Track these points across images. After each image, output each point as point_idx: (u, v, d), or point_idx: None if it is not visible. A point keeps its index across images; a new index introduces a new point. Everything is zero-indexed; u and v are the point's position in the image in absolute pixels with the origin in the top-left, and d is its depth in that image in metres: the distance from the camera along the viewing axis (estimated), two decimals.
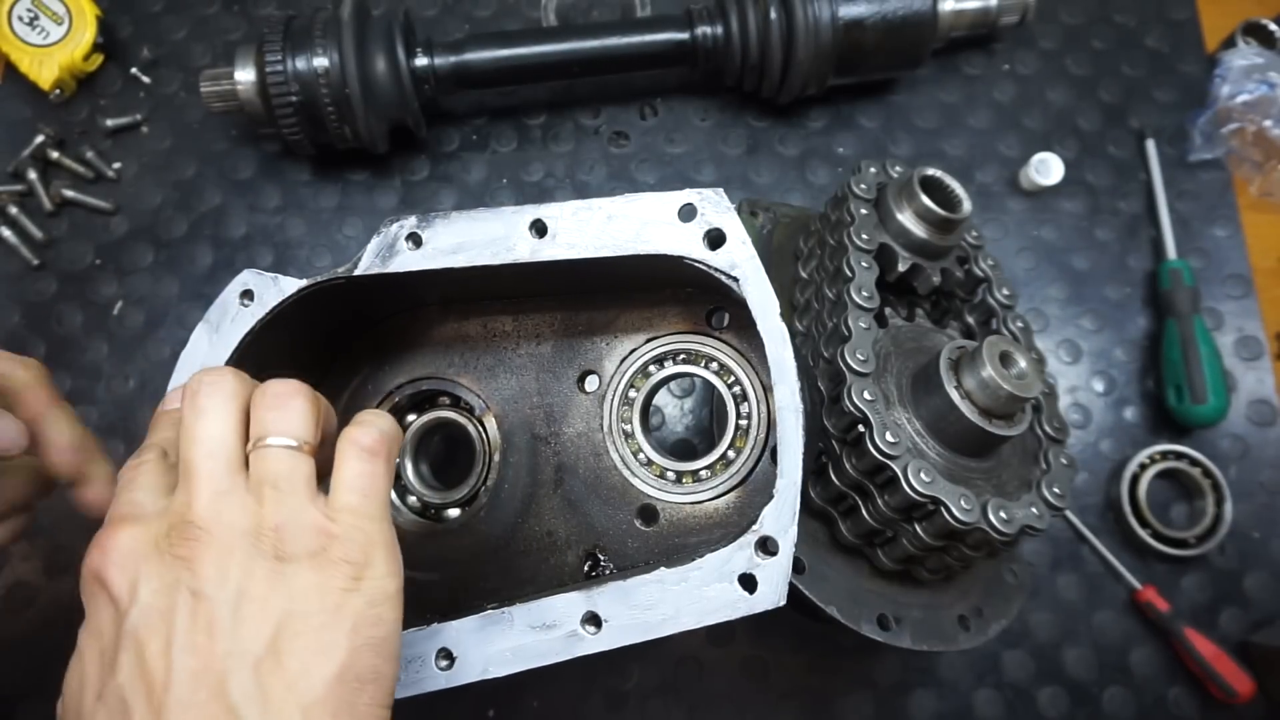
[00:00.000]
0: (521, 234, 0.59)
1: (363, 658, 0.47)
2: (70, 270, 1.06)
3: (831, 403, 0.71)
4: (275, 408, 0.51)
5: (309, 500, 0.49)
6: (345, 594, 0.47)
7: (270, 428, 0.50)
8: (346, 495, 0.50)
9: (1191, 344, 0.98)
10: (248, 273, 0.63)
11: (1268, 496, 0.99)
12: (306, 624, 0.46)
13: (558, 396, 0.72)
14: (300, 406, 0.51)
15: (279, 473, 0.49)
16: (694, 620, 0.52)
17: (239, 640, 0.45)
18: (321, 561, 0.47)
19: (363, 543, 0.49)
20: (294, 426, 0.50)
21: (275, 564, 0.47)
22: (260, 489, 0.48)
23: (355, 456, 0.52)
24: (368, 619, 0.47)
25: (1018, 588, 0.82)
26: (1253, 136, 1.08)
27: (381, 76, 0.97)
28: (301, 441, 0.50)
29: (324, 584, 0.47)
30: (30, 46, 1.08)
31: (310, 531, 0.48)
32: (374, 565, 0.49)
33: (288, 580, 0.46)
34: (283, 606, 0.46)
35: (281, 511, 0.48)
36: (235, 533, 0.47)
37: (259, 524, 0.47)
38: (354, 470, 0.51)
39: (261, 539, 0.47)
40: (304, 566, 0.47)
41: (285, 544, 0.47)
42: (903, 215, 0.80)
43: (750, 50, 1.00)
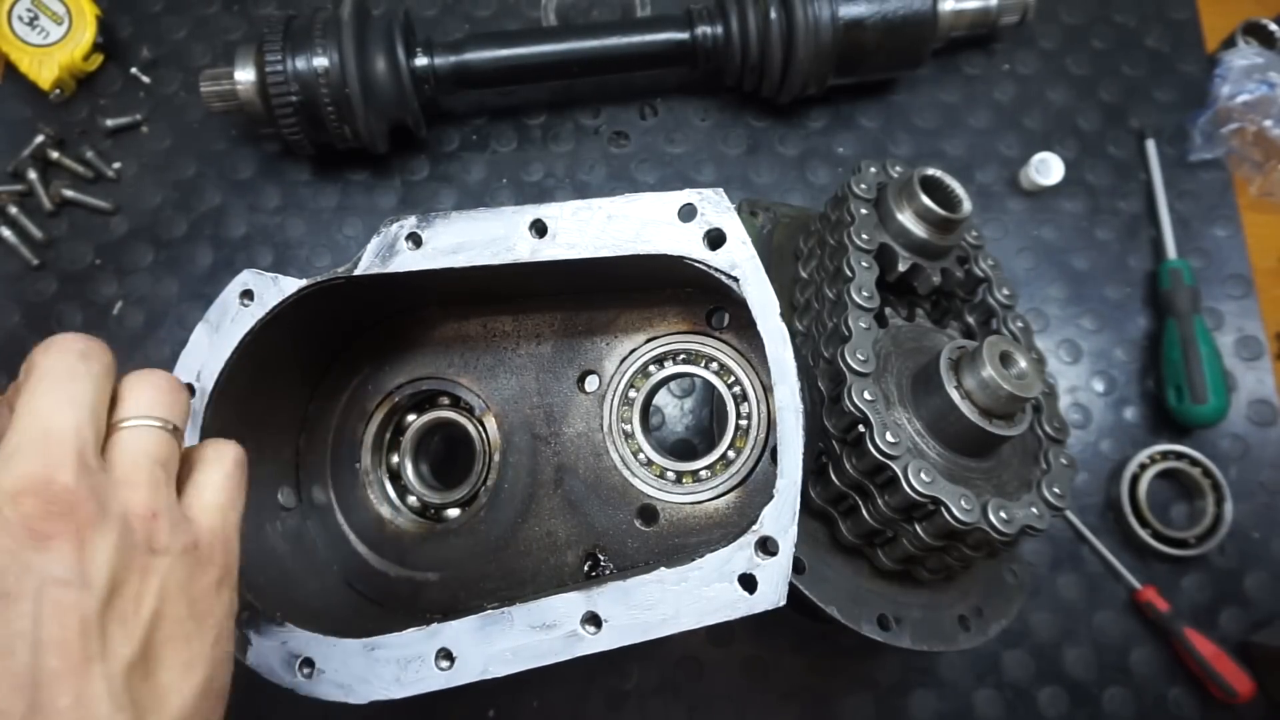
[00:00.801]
0: (521, 234, 0.59)
1: (222, 673, 0.44)
2: (70, 270, 1.06)
3: (831, 403, 0.71)
4: (157, 389, 0.46)
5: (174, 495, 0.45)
6: (209, 600, 0.44)
7: (149, 407, 0.45)
8: (215, 495, 0.47)
9: (1191, 344, 0.98)
10: (248, 273, 0.63)
11: (1268, 496, 0.99)
12: (178, 629, 0.42)
13: (558, 396, 0.72)
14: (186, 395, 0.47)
15: (154, 455, 0.44)
16: (694, 620, 0.52)
17: (110, 640, 0.39)
18: (190, 561, 0.43)
19: (226, 548, 0.46)
20: (179, 411, 0.46)
21: (148, 556, 0.41)
22: (132, 471, 0.43)
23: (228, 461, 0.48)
24: (225, 631, 0.44)
25: (1018, 588, 0.82)
26: (1253, 136, 1.08)
27: (381, 76, 0.97)
28: (179, 430, 0.46)
29: (191, 586, 0.43)
30: (30, 46, 1.08)
31: (182, 525, 0.44)
32: (232, 575, 0.46)
33: (159, 577, 0.42)
34: (153, 606, 0.41)
35: (157, 498, 0.43)
36: (107, 515, 0.40)
37: (131, 509, 0.42)
38: (223, 472, 0.48)
39: (134, 527, 0.41)
40: (175, 563, 0.42)
41: (160, 534, 0.42)
42: (903, 215, 0.80)
43: (750, 50, 1.00)
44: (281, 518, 0.71)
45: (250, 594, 0.59)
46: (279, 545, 0.70)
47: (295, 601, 0.65)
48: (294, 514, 0.73)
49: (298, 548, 0.71)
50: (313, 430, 0.76)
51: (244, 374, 0.64)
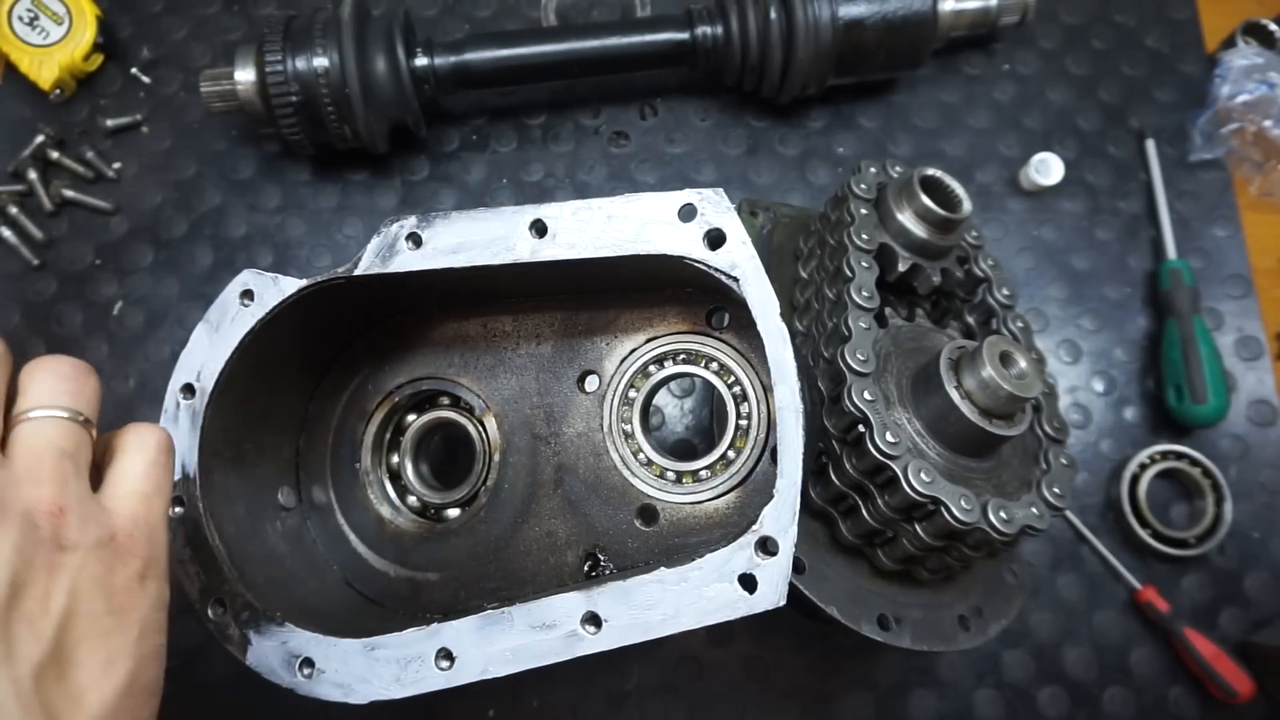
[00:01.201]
0: (521, 234, 0.59)
1: (149, 668, 0.42)
2: (70, 270, 1.06)
3: (831, 403, 0.71)
4: (60, 377, 0.44)
5: (87, 485, 0.43)
6: (130, 594, 0.42)
7: (52, 397, 0.43)
8: (137, 483, 0.45)
9: (1191, 344, 0.98)
10: (248, 273, 0.63)
11: (1268, 496, 0.99)
12: (93, 626, 0.40)
13: (558, 396, 0.72)
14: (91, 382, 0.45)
15: (60, 447, 0.42)
16: (694, 620, 0.52)
17: (15, 642, 0.37)
18: (106, 555, 0.41)
19: (149, 538, 0.44)
20: (85, 400, 0.44)
21: (56, 553, 0.39)
22: (35, 464, 0.41)
23: (152, 446, 0.46)
24: (153, 624, 0.42)
25: (1018, 588, 0.82)
26: (1253, 136, 1.08)
27: (381, 76, 0.97)
28: (83, 416, 0.44)
29: (108, 579, 0.41)
30: (30, 46, 1.08)
31: (95, 518, 0.41)
32: (157, 565, 0.44)
33: (69, 574, 0.40)
34: (64, 604, 0.39)
35: (65, 493, 0.41)
36: (9, 512, 0.38)
37: (34, 505, 0.40)
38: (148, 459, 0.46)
39: (39, 523, 0.39)
40: (91, 556, 0.40)
41: (69, 529, 0.40)
42: (903, 215, 0.80)
43: (750, 50, 1.00)
44: (281, 518, 0.71)
45: (250, 594, 0.59)
46: (279, 545, 0.70)
47: (295, 601, 0.65)
48: (294, 514, 0.73)
49: (297, 548, 0.71)
50: (313, 430, 0.76)
51: (244, 374, 0.64)
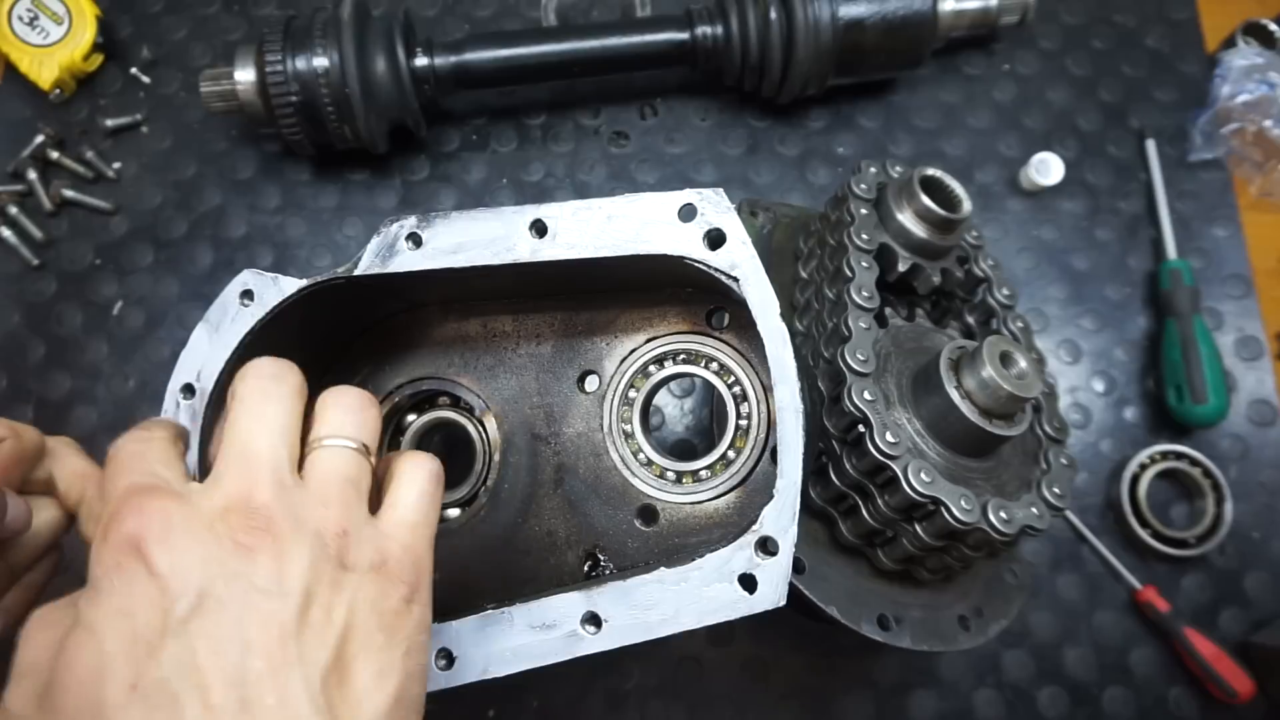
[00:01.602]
0: (521, 234, 0.59)
1: (413, 685, 0.45)
2: (70, 270, 1.06)
3: (832, 403, 0.71)
4: (351, 409, 0.48)
5: (367, 512, 0.47)
6: (399, 615, 0.45)
7: (340, 428, 0.47)
8: (408, 513, 0.48)
9: (1191, 344, 0.98)
10: (248, 273, 0.63)
11: (1268, 496, 0.99)
12: (369, 640, 0.43)
13: (558, 396, 0.72)
14: (375, 414, 0.49)
15: (346, 475, 0.46)
16: (694, 620, 0.52)
17: (305, 647, 0.41)
18: (380, 576, 0.45)
19: (416, 565, 0.47)
20: (368, 430, 0.48)
21: (339, 571, 0.43)
22: (325, 489, 0.45)
23: (423, 478, 0.49)
24: (417, 645, 0.45)
25: (1018, 588, 0.82)
26: (1253, 136, 1.08)
27: (381, 76, 0.97)
28: (370, 450, 0.48)
29: (381, 601, 0.44)
30: (30, 46, 1.08)
31: (373, 542, 0.45)
32: (422, 591, 0.47)
33: (350, 591, 0.43)
34: (345, 617, 0.43)
35: (348, 516, 0.45)
36: (303, 530, 0.43)
37: (324, 526, 0.44)
38: (420, 489, 0.49)
39: (327, 542, 0.44)
40: (365, 579, 0.44)
41: (350, 550, 0.44)
42: (903, 215, 0.80)
43: (750, 50, 1.00)
44: None
45: None
46: None
47: None
48: None
49: None
50: None
51: None
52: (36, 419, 1.01)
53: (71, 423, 1.01)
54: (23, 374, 1.03)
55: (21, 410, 1.02)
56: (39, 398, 1.02)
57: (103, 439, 1.03)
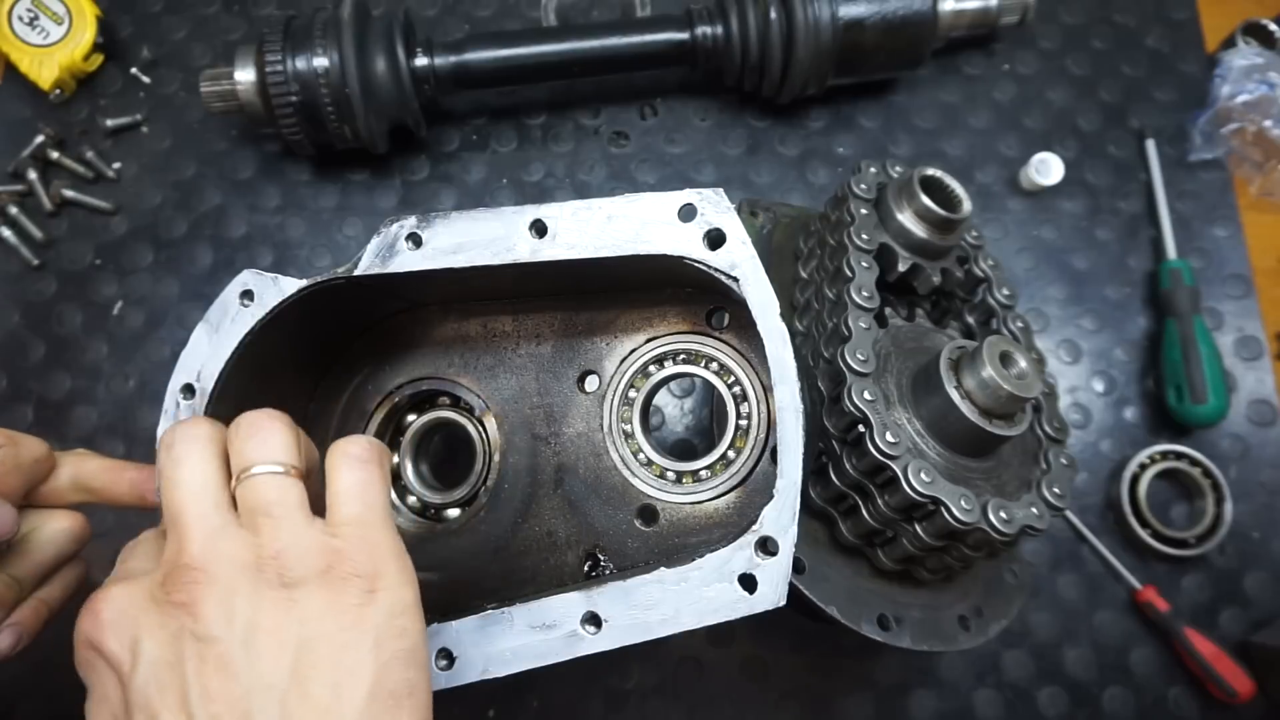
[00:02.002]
0: (521, 234, 0.59)
1: (393, 672, 0.45)
2: (70, 270, 1.06)
3: (831, 403, 0.71)
4: (252, 436, 0.49)
5: (305, 522, 0.47)
6: (361, 609, 0.45)
7: (251, 457, 0.49)
8: (345, 507, 0.49)
9: (1191, 344, 0.98)
10: (248, 273, 0.63)
11: (1268, 496, 0.99)
12: (327, 647, 0.44)
13: (558, 396, 0.72)
14: (278, 430, 0.50)
15: (269, 499, 0.47)
16: (694, 620, 0.52)
17: (258, 675, 0.42)
18: (330, 580, 0.45)
19: (369, 553, 0.47)
20: (275, 452, 0.49)
21: (282, 591, 0.45)
22: (254, 520, 0.47)
23: (347, 466, 0.50)
24: (390, 631, 0.46)
25: (1018, 588, 0.82)
26: (1253, 136, 1.08)
27: (381, 76, 0.97)
28: (286, 466, 0.49)
29: (336, 602, 0.45)
30: (30, 46, 1.08)
31: (313, 551, 0.46)
32: (385, 575, 0.47)
33: (298, 606, 0.44)
34: (297, 633, 0.44)
35: (280, 537, 0.46)
36: (235, 567, 0.45)
37: (258, 554, 0.45)
38: (348, 480, 0.50)
39: (263, 569, 0.45)
40: (313, 589, 0.45)
41: (288, 569, 0.45)
42: (903, 215, 0.80)
43: (750, 50, 1.00)
44: None
45: None
46: None
47: None
48: None
49: None
50: (313, 430, 0.76)
51: (244, 374, 0.64)
52: (36, 419, 1.01)
53: (71, 423, 1.01)
54: (23, 374, 1.03)
55: (21, 410, 1.02)
56: (39, 398, 1.02)
57: (102, 439, 1.03)
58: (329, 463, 0.51)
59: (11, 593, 0.59)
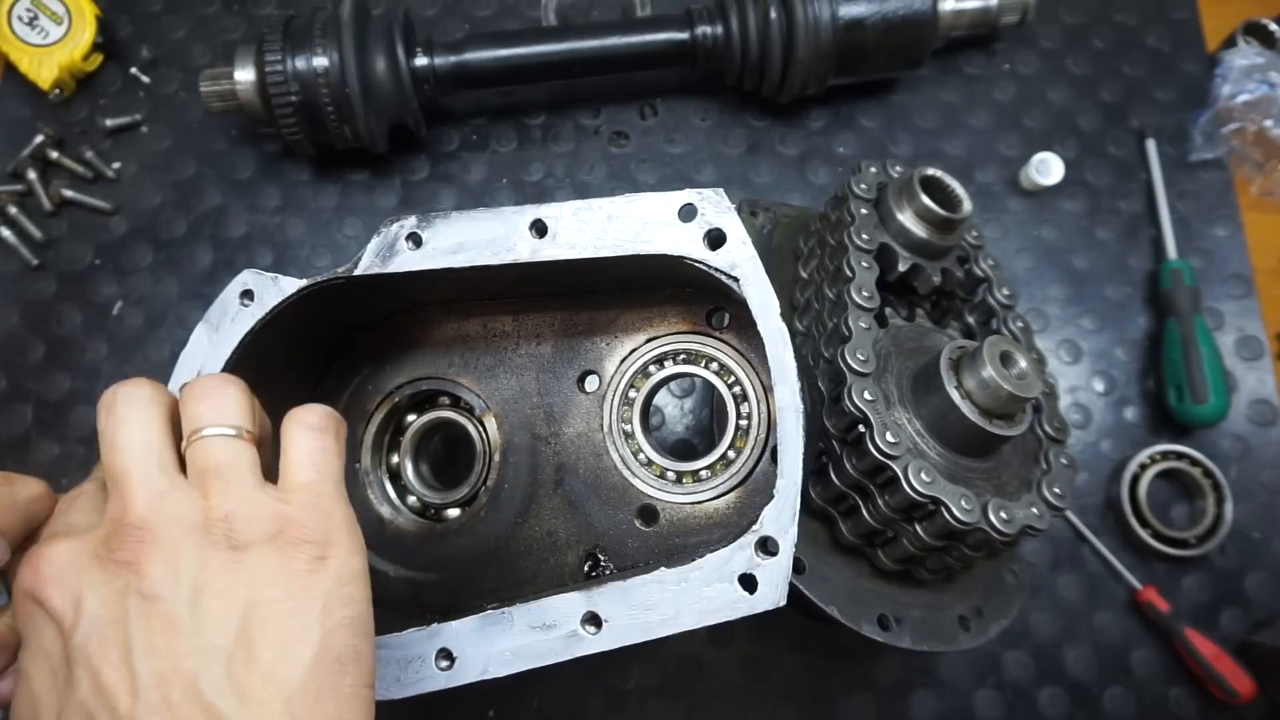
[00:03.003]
0: (521, 234, 0.59)
1: (339, 638, 0.45)
2: (70, 270, 1.06)
3: (832, 403, 0.71)
4: (205, 398, 0.49)
5: (257, 486, 0.47)
6: (310, 575, 0.45)
7: (204, 419, 0.48)
8: (299, 473, 0.49)
9: (1192, 344, 0.98)
10: (248, 273, 0.63)
11: (1268, 496, 0.99)
12: (274, 610, 0.44)
13: (558, 396, 0.72)
14: (234, 394, 0.49)
15: (220, 461, 0.47)
16: (694, 620, 0.52)
17: (204, 636, 0.42)
18: (280, 544, 0.45)
19: (322, 521, 0.47)
20: (228, 414, 0.48)
21: (230, 553, 0.44)
22: (204, 481, 0.46)
23: (304, 434, 0.50)
24: (338, 598, 0.46)
25: (1018, 588, 0.82)
26: (1253, 136, 1.08)
27: (381, 76, 0.97)
28: (239, 429, 0.48)
29: (286, 567, 0.45)
30: (30, 46, 1.08)
31: (264, 516, 0.46)
32: (337, 544, 0.47)
33: (246, 568, 0.44)
34: (245, 596, 0.43)
35: (229, 499, 0.46)
36: (181, 527, 0.44)
37: (206, 516, 0.45)
38: (304, 447, 0.49)
39: (211, 530, 0.45)
40: (262, 552, 0.45)
41: (238, 531, 0.45)
42: (903, 215, 0.79)
43: (750, 50, 1.00)
44: None
45: None
46: None
47: None
48: None
49: None
50: None
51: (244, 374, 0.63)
52: (36, 419, 1.01)
53: (71, 423, 1.01)
54: (23, 374, 1.03)
55: (21, 410, 1.02)
56: (39, 398, 1.02)
57: None
58: (285, 429, 0.50)
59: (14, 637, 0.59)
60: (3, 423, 1.01)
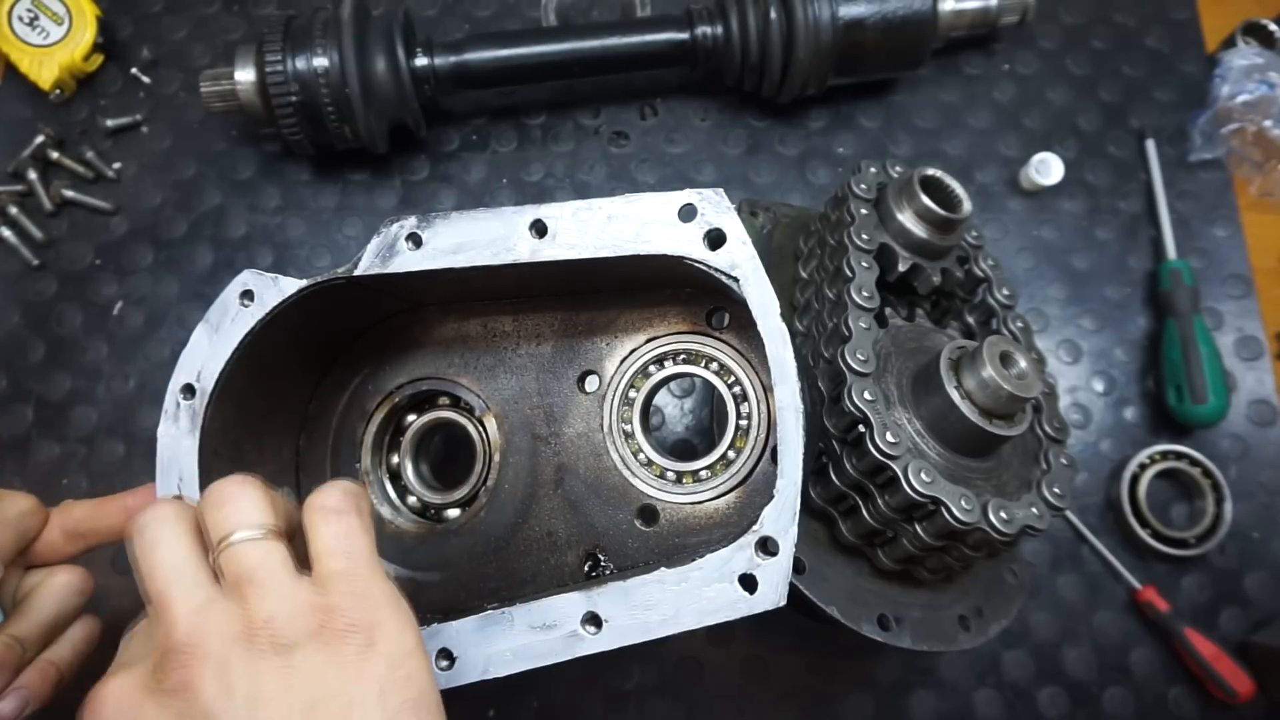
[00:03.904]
0: (521, 234, 0.59)
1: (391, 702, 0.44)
2: (70, 270, 1.06)
3: (832, 403, 0.71)
4: (224, 504, 0.48)
5: (292, 582, 0.46)
6: (362, 662, 0.45)
7: (228, 525, 0.48)
8: (330, 562, 0.48)
9: (1191, 344, 0.98)
10: (248, 273, 0.63)
11: (1268, 496, 0.99)
12: (333, 706, 0.43)
13: (558, 396, 0.72)
14: (251, 494, 0.49)
15: (252, 564, 0.46)
16: (694, 620, 0.52)
17: None
18: (326, 637, 0.45)
19: (363, 605, 0.46)
20: (250, 516, 0.48)
21: (278, 658, 0.44)
22: (239, 588, 0.46)
23: (324, 521, 0.49)
24: (394, 682, 0.45)
25: (1018, 588, 0.82)
26: (1253, 136, 1.08)
27: (381, 76, 0.97)
28: (264, 528, 0.48)
29: (335, 659, 0.44)
30: (30, 46, 1.08)
31: (304, 611, 0.45)
32: (382, 624, 0.46)
33: (296, 669, 0.44)
34: (300, 697, 0.43)
35: (267, 602, 0.45)
36: (225, 639, 0.44)
37: (248, 623, 0.44)
38: (328, 534, 0.49)
39: (255, 636, 0.44)
40: (309, 649, 0.44)
41: (281, 633, 0.44)
42: (903, 215, 0.80)
43: (750, 50, 1.00)
44: None
45: None
46: None
47: None
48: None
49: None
50: (313, 430, 0.76)
51: (244, 374, 0.64)
52: (36, 419, 1.01)
53: (71, 423, 1.01)
54: (23, 374, 1.03)
55: (21, 410, 1.02)
56: (39, 398, 1.02)
57: (102, 439, 1.03)
58: (306, 520, 0.50)
59: (13, 655, 0.58)
60: (3, 423, 1.01)
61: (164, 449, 0.62)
